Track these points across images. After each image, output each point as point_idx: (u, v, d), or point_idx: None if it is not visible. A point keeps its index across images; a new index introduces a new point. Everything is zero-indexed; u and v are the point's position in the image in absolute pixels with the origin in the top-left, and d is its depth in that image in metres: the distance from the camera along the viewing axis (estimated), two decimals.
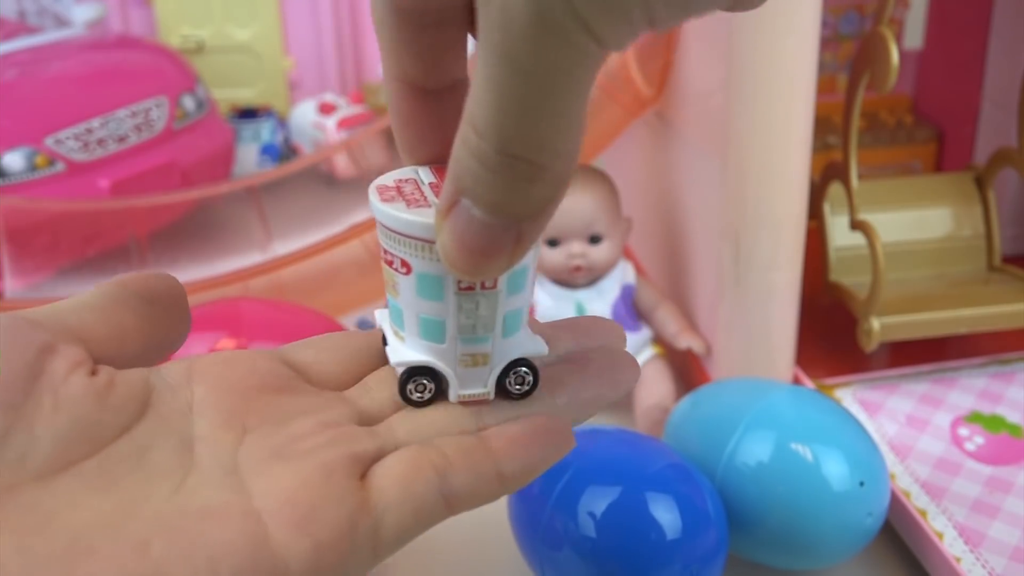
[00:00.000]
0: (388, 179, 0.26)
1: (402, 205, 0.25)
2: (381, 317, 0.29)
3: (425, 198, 0.25)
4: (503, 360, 0.27)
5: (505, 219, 0.19)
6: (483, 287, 0.25)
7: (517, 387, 0.27)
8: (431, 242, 0.24)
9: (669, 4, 0.16)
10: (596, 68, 0.17)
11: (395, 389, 0.25)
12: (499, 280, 0.25)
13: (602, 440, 0.41)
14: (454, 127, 0.19)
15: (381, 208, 0.25)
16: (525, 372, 0.27)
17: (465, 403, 0.26)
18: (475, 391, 0.27)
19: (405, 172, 0.27)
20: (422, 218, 0.24)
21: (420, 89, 0.22)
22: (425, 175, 0.27)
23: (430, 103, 0.23)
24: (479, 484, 0.22)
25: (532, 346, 0.27)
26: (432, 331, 0.27)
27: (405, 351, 0.27)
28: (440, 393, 0.27)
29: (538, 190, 0.18)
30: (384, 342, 0.28)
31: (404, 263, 0.26)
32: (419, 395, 0.27)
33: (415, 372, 0.27)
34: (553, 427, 0.24)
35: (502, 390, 0.27)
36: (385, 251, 0.26)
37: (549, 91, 0.17)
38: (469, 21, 0.21)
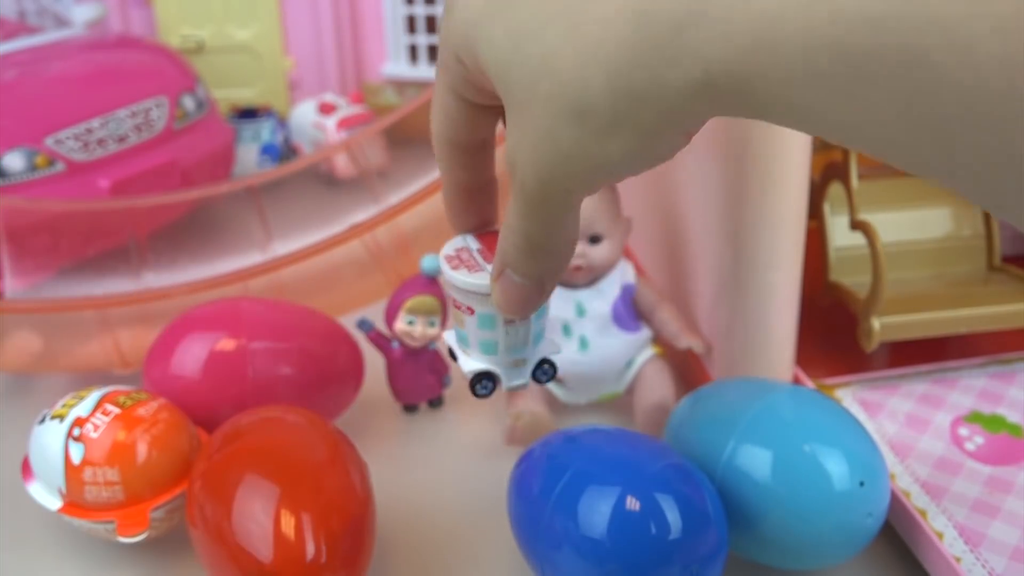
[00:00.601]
0: (450, 249, 0.39)
1: (465, 271, 0.38)
2: (449, 337, 0.42)
3: (479, 264, 0.38)
4: (534, 360, 0.40)
5: (532, 281, 0.31)
6: (520, 320, 0.38)
7: (544, 377, 0.41)
8: (487, 295, 0.37)
9: (610, 175, 0.26)
10: (578, 206, 0.28)
11: None
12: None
13: (602, 440, 0.41)
14: (486, 209, 0.36)
15: (452, 274, 0.38)
16: (548, 367, 0.41)
17: (512, 390, 0.40)
18: (518, 383, 0.41)
19: (457, 242, 0.40)
20: (480, 280, 0.37)
21: (465, 187, 0.34)
22: (472, 243, 0.40)
23: (472, 195, 0.35)
24: None
25: (551, 348, 0.41)
26: (489, 348, 0.40)
27: (472, 362, 0.41)
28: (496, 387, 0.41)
29: (551, 264, 0.30)
30: (452, 355, 0.42)
31: (469, 308, 0.39)
32: (484, 391, 0.40)
33: (480, 376, 0.41)
34: None
35: (535, 379, 0.40)
36: (455, 300, 0.39)
37: (550, 217, 0.28)
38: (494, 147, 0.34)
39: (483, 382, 0.42)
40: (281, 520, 0.38)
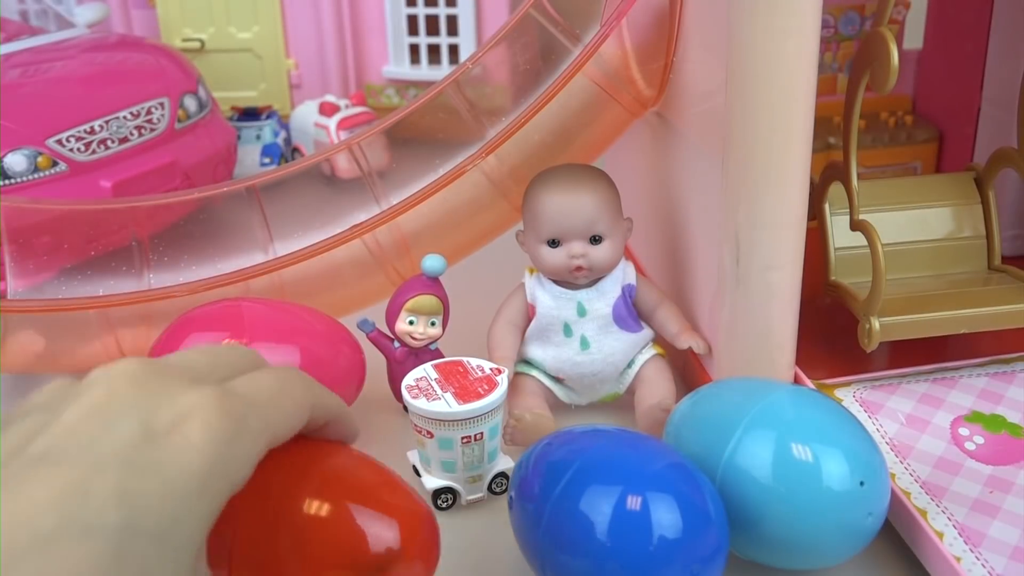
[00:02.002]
0: (411, 379, 0.47)
1: (424, 399, 0.45)
2: (413, 456, 0.49)
3: (436, 392, 0.45)
4: (489, 475, 0.48)
5: None
6: (476, 439, 0.45)
7: (499, 489, 0.48)
8: (444, 420, 0.44)
9: None
10: None
11: None
12: (484, 435, 0.46)
13: (602, 440, 0.41)
14: None
15: (413, 403, 0.45)
16: (502, 479, 0.48)
17: (471, 502, 0.48)
18: (476, 495, 0.48)
19: (417, 372, 0.47)
20: (438, 407, 0.44)
21: None
22: (431, 372, 0.47)
23: None
24: None
25: (505, 463, 0.48)
26: (448, 467, 0.46)
27: (433, 480, 0.47)
28: (456, 499, 0.48)
29: None
30: (417, 472, 0.48)
31: (428, 432, 0.45)
32: (445, 504, 0.47)
33: (441, 491, 0.47)
34: None
35: (491, 491, 0.48)
36: (416, 425, 0.46)
37: None
38: None
39: (443, 496, 0.47)
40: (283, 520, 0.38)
